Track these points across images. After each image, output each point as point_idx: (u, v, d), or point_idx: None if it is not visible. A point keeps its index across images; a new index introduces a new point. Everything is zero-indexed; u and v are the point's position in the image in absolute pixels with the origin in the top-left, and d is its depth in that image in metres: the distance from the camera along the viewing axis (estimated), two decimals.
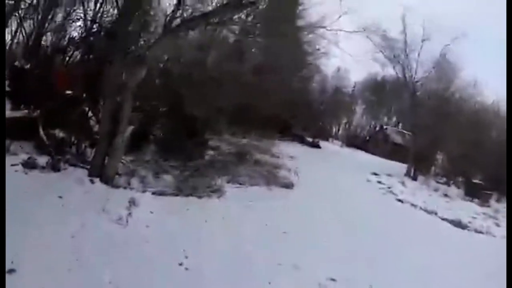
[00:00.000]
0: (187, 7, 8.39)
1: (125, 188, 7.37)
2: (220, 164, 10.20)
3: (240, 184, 9.96)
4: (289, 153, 18.83)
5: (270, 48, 16.90)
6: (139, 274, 5.12)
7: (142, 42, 9.12)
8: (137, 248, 5.66)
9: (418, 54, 24.80)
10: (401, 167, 24.93)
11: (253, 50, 17.86)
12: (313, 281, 5.73)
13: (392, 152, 36.32)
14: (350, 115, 50.31)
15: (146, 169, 8.43)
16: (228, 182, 9.67)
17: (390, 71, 29.23)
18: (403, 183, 19.18)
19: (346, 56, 50.60)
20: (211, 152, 10.80)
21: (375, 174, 20.05)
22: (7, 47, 13.60)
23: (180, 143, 9.38)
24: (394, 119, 49.26)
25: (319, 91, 41.34)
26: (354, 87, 49.02)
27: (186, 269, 5.48)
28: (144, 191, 7.30)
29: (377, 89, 46.89)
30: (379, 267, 6.68)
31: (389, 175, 20.84)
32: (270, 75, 17.35)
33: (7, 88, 10.05)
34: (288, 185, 11.21)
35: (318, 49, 23.09)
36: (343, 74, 46.65)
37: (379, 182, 18.23)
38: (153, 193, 7.30)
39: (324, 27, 18.35)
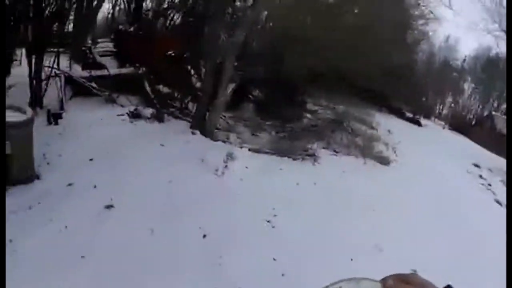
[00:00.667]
0: None
1: (223, 142, 7.50)
2: (317, 128, 9.72)
3: (335, 152, 9.45)
4: (387, 126, 17.59)
5: (370, 9, 15.71)
6: (227, 224, 5.19)
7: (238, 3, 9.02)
8: (229, 199, 5.72)
9: None
10: (504, 163, 21.90)
11: (352, 10, 16.80)
12: (393, 265, 5.07)
13: (497, 143, 32.02)
14: (457, 93, 45.42)
15: (244, 126, 8.46)
16: (323, 148, 9.24)
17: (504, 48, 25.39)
18: (504, 183, 16.75)
19: (458, 22, 45.48)
20: (308, 116, 10.33)
21: (477, 166, 17.79)
22: (109, 14, 14.74)
23: (278, 104, 9.10)
24: (505, 106, 43.18)
25: (424, 62, 37.76)
26: (464, 60, 43.79)
27: (273, 227, 5.44)
28: (241, 147, 7.26)
29: (489, 67, 41.33)
30: (463, 265, 5.76)
31: (490, 170, 18.38)
32: (370, 39, 16.18)
33: (113, 49, 10.90)
34: (384, 161, 10.34)
35: (431, 12, 20.93)
36: (452, 44, 41.97)
37: (480, 176, 16.15)
38: (250, 150, 7.20)
39: None
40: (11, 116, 5.00)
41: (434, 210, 7.88)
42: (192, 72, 9.54)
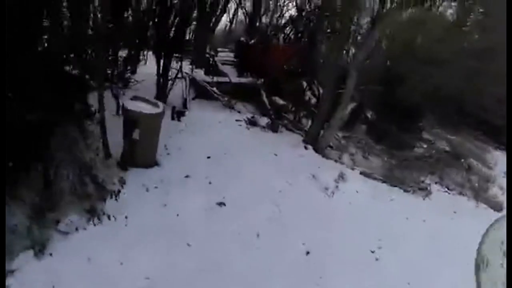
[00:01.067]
0: None
1: (335, 161, 7.45)
2: (431, 160, 9.11)
3: (448, 189, 8.74)
4: (504, 167, 15.85)
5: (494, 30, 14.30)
6: (330, 246, 5.17)
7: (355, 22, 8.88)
8: (336, 221, 5.67)
9: None
10: None
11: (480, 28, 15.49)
12: None
13: None
14: None
15: (356, 147, 8.30)
16: (435, 183, 8.63)
17: None
18: None
19: None
20: (423, 145, 9.75)
21: None
22: (228, 26, 15.65)
23: (392, 128, 8.76)
24: None
25: None
26: None
27: (377, 259, 5.29)
28: (352, 169, 7.13)
29: None
30: None
31: None
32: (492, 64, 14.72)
33: (233, 59, 11.57)
34: (497, 207, 9.27)
35: None
36: None
37: None
38: (361, 173, 7.01)
39: None
40: (144, 107, 5.60)
41: None
42: (307, 87, 9.64)
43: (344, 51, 8.73)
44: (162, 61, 8.07)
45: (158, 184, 5.51)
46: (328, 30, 9.73)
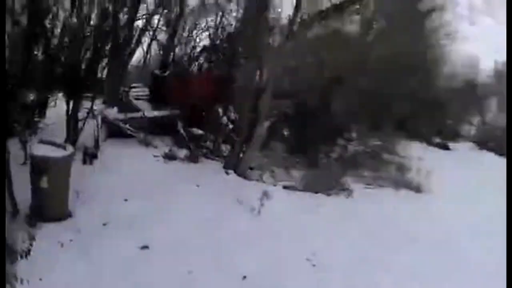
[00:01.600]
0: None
1: (257, 180, 7.60)
2: (349, 162, 9.72)
3: (368, 184, 9.37)
4: (417, 154, 17.36)
5: (395, 40, 15.85)
6: (266, 264, 5.15)
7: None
8: (267, 238, 5.71)
9: None
10: None
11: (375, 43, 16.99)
12: None
13: None
14: (484, 111, 44.38)
15: (276, 164, 8.54)
16: (355, 182, 9.20)
17: None
18: None
19: (478, 39, 45.01)
20: (338, 150, 10.38)
21: None
22: (142, 61, 15.47)
23: (310, 140, 9.25)
24: None
25: (448, 83, 37.30)
26: (489, 77, 43.10)
27: (314, 265, 5.38)
28: (275, 185, 7.36)
29: None
30: None
31: None
32: (395, 71, 16.24)
33: (148, 93, 11.42)
34: (418, 189, 10.18)
35: (450, 34, 20.97)
36: (475, 62, 41.33)
37: None
38: (284, 187, 7.27)
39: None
40: (51, 151, 5.22)
41: (477, 234, 7.35)
42: (224, 113, 9.79)
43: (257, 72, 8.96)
44: (71, 101, 7.71)
45: (74, 236, 5.11)
46: (241, 55, 10.01)
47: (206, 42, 13.28)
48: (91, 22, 7.81)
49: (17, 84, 6.08)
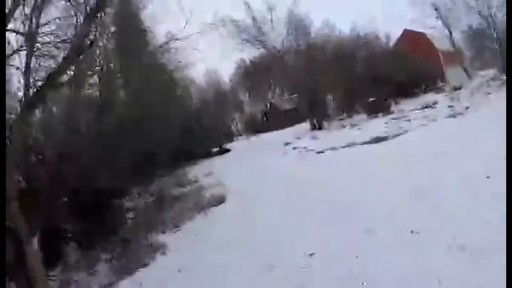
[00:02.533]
0: None
1: None
2: (145, 219, 9.52)
3: (176, 226, 9.43)
4: (204, 171, 18.63)
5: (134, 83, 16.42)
6: None
7: None
8: None
9: (271, 23, 26.34)
10: (305, 125, 26.53)
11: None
12: None
13: (290, 118, 38.36)
14: (240, 107, 51.85)
15: (77, 270, 7.44)
16: (163, 232, 9.14)
17: (254, 51, 30.49)
18: (314, 137, 20.30)
19: (209, 58, 52.00)
20: (130, 216, 10.02)
21: (287, 143, 20.88)
22: None
23: (95, 226, 8.54)
24: (277, 90, 51.55)
25: (201, 102, 41.53)
26: (230, 81, 50.49)
27: None
28: None
29: (250, 73, 48.50)
30: None
31: (298, 138, 21.92)
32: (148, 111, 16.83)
33: None
34: (221, 200, 10.96)
35: (180, 62, 23.20)
36: (214, 76, 47.68)
37: (294, 148, 19.02)
38: None
39: (176, 39, 18.64)
40: None
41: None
42: None
43: None
44: None
45: None
46: None
47: None
48: None
49: None
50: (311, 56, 25.76)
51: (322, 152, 15.68)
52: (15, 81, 8.19)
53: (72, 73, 8.16)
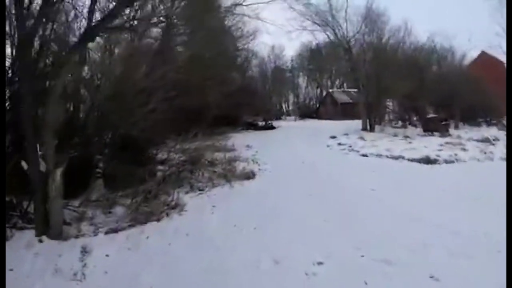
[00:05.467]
0: None
1: (76, 237, 6.45)
2: (174, 176, 9.60)
3: (200, 190, 9.49)
4: (245, 142, 18.58)
5: (197, 43, 16.51)
6: None
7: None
8: None
9: (345, 12, 25.19)
10: (357, 123, 25.49)
11: (179, 48, 17.38)
12: None
13: (344, 111, 37.32)
14: (295, 89, 50.94)
15: (95, 208, 7.62)
16: (187, 192, 9.19)
17: (322, 37, 29.49)
18: (362, 138, 19.47)
19: (278, 33, 51.41)
20: (160, 167, 10.14)
21: (333, 137, 20.22)
22: None
23: (125, 169, 8.69)
24: (337, 81, 50.15)
25: (259, 74, 41.31)
26: (292, 60, 49.62)
27: None
28: (96, 234, 6.58)
29: (314, 57, 47.54)
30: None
31: (346, 134, 21.13)
32: (204, 72, 16.91)
33: None
34: (249, 176, 10.89)
35: (242, 29, 23.03)
36: (278, 51, 47.11)
37: (339, 144, 18.37)
38: (106, 233, 6.57)
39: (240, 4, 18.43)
40: None
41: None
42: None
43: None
44: None
45: None
46: None
47: None
48: None
49: None
50: (382, 56, 24.48)
51: (366, 155, 15.06)
52: None
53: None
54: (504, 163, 13.34)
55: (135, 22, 10.53)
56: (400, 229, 6.49)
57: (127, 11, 8.22)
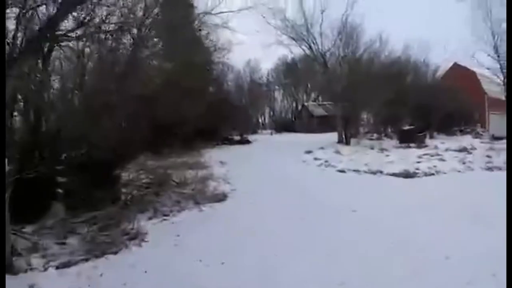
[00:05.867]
0: None
1: (25, 271, 5.67)
2: (138, 199, 8.88)
3: (165, 215, 8.63)
4: (219, 158, 17.99)
5: (170, 55, 15.93)
6: None
7: None
8: None
9: (320, 26, 25.21)
10: (332, 136, 25.36)
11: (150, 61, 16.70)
12: None
13: (319, 124, 37.37)
14: (271, 102, 50.92)
15: (50, 236, 6.85)
16: (150, 218, 8.33)
17: (297, 50, 29.41)
18: (338, 152, 19.21)
19: (255, 47, 51.46)
20: (124, 190, 9.40)
21: (309, 152, 19.87)
22: None
23: (87, 192, 7.95)
24: (313, 94, 50.34)
25: (235, 88, 40.99)
26: (268, 74, 49.67)
27: None
28: (46, 269, 5.80)
29: (290, 71, 47.72)
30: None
31: (322, 148, 20.84)
32: (178, 85, 16.30)
33: None
34: (220, 198, 10.18)
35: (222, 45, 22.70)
36: (254, 64, 47.02)
37: (315, 158, 18.02)
38: (57, 267, 5.80)
39: (209, 12, 18.00)
40: None
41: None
42: None
43: None
44: None
45: None
46: None
47: None
48: None
49: None
50: (357, 68, 24.56)
51: (343, 171, 14.69)
52: None
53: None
54: (486, 173, 13.30)
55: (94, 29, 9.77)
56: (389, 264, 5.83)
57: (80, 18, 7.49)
